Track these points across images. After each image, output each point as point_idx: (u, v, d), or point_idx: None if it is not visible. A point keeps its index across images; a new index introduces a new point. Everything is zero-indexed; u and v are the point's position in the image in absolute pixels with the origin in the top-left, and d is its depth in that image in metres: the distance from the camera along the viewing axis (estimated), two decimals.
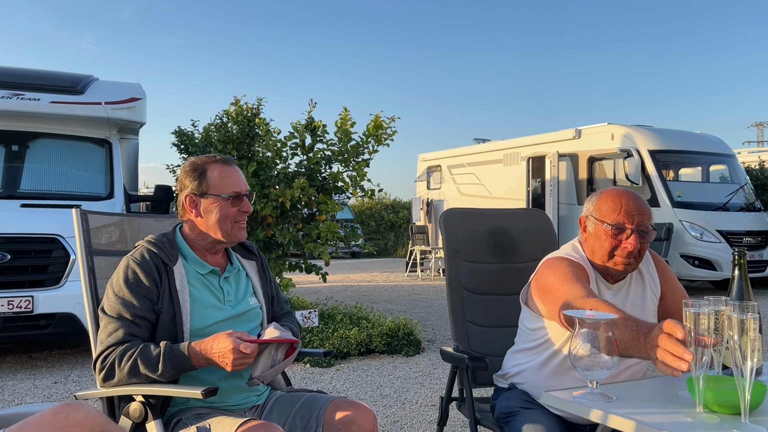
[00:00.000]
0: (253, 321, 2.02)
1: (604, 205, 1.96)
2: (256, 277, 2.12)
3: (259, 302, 2.07)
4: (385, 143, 6.65)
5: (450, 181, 14.65)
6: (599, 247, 1.96)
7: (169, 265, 1.89)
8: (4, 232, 5.02)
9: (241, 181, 2.00)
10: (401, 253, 21.40)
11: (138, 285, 1.83)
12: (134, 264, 1.86)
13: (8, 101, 5.67)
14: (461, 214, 2.80)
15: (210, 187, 1.95)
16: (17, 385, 4.66)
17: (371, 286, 12.00)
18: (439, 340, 6.46)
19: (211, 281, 1.97)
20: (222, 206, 1.95)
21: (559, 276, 1.89)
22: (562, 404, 1.43)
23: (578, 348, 1.42)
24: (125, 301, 1.82)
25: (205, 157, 2.01)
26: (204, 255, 2.00)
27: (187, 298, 1.88)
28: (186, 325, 1.86)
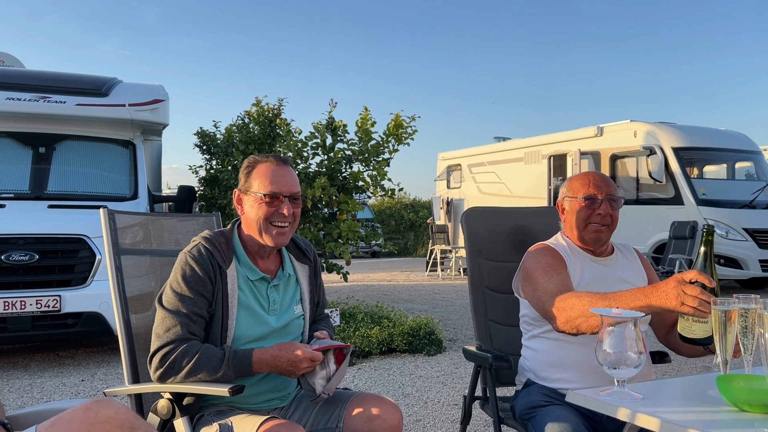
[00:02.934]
0: (293, 332, 2.00)
1: (574, 184, 2.21)
2: (306, 282, 2.08)
3: (303, 311, 2.04)
4: (406, 142, 6.66)
5: (470, 180, 14.60)
6: (577, 220, 2.17)
7: (223, 268, 1.87)
8: (33, 232, 5.12)
9: (285, 182, 1.92)
10: (421, 252, 21.38)
11: (195, 282, 1.82)
12: (191, 260, 1.85)
13: (35, 104, 5.78)
14: (483, 212, 2.79)
15: (252, 184, 1.92)
16: (46, 382, 4.75)
17: (392, 285, 12.00)
18: (460, 339, 6.44)
19: (260, 288, 1.95)
20: (258, 205, 1.90)
21: (538, 266, 2.10)
22: (588, 403, 1.43)
23: (604, 346, 1.41)
24: (183, 297, 1.81)
25: (263, 155, 1.97)
26: (255, 259, 1.96)
27: (235, 303, 1.87)
28: (230, 330, 1.85)
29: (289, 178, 1.94)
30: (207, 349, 1.77)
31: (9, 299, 4.89)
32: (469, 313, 2.70)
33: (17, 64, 7.52)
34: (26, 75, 6.32)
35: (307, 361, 1.75)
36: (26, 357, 5.62)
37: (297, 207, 1.95)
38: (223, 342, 1.84)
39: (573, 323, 1.84)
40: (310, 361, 1.76)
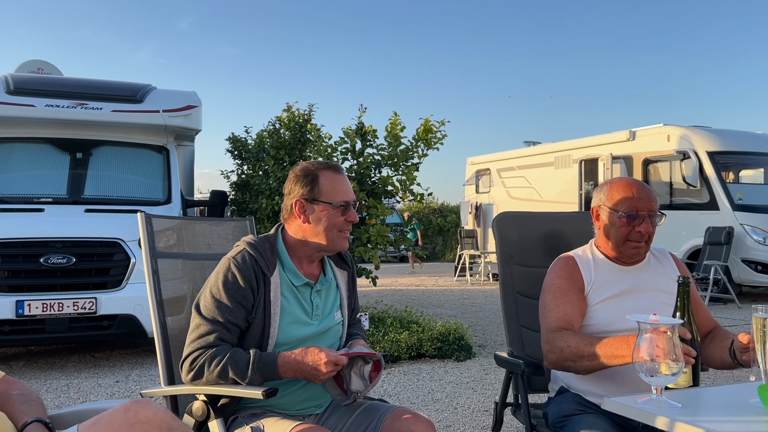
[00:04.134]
0: (333, 338, 2.01)
1: (615, 194, 2.08)
2: (345, 288, 2.10)
3: (342, 316, 2.06)
4: (435, 147, 6.65)
5: (499, 185, 14.51)
6: (614, 234, 2.07)
7: (267, 275, 1.88)
8: (70, 236, 5.24)
9: (350, 190, 1.97)
10: (449, 257, 21.30)
11: (236, 290, 1.83)
12: (235, 267, 1.85)
13: (73, 110, 5.93)
14: (514, 217, 2.77)
15: (321, 193, 1.92)
16: (82, 383, 4.85)
17: (420, 290, 11.98)
18: (490, 345, 6.40)
19: (303, 294, 1.95)
20: (331, 214, 1.91)
21: (551, 286, 2.09)
22: (625, 410, 1.40)
23: (641, 353, 1.39)
24: (221, 305, 1.82)
25: (317, 162, 1.98)
26: (301, 264, 1.97)
27: (278, 311, 1.88)
28: (272, 338, 1.86)
29: (350, 185, 2.00)
30: (235, 353, 1.78)
31: (47, 301, 5.01)
32: (499, 319, 2.69)
33: (56, 72, 7.72)
34: (64, 82, 6.49)
35: (330, 364, 1.73)
36: (63, 358, 5.75)
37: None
38: (263, 348, 1.85)
39: (563, 365, 1.91)
40: (333, 366, 1.74)
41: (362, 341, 2.06)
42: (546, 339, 1.97)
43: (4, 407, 1.59)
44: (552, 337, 1.94)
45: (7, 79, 6.06)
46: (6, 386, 1.70)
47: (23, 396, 1.67)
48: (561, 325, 1.96)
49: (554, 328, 1.97)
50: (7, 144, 6.12)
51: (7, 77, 6.10)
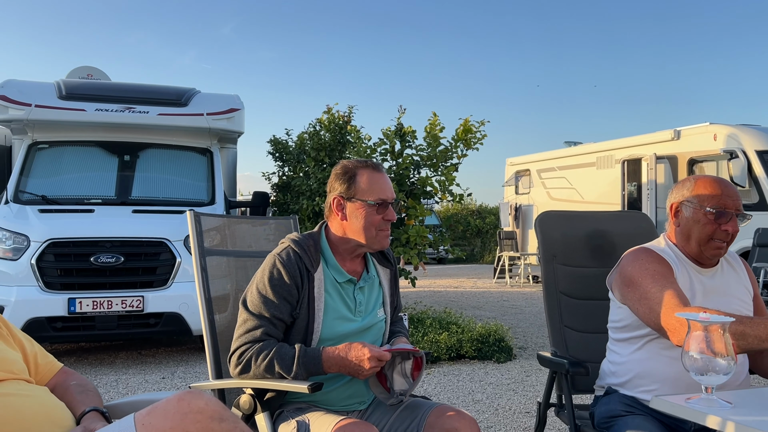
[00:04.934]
0: (376, 335, 2.03)
1: (702, 190, 1.99)
2: (387, 285, 2.11)
3: (385, 314, 2.08)
4: (475, 147, 6.63)
5: (539, 186, 14.34)
6: (698, 232, 1.98)
7: (311, 272, 1.91)
8: (119, 236, 5.40)
9: (388, 188, 1.97)
10: (488, 259, 21.13)
11: (281, 286, 1.87)
12: (280, 264, 1.89)
13: (121, 114, 6.11)
14: (558, 217, 2.75)
15: (358, 191, 1.94)
16: (130, 379, 4.99)
17: (459, 291, 11.93)
18: (531, 347, 6.34)
19: (347, 290, 1.98)
20: (368, 212, 1.93)
21: (645, 273, 1.93)
22: (674, 409, 1.39)
23: (692, 352, 1.37)
24: (267, 300, 1.86)
25: (356, 161, 2.01)
26: (344, 261, 2.00)
27: (322, 306, 1.91)
28: (316, 333, 1.89)
29: (389, 184, 2.00)
30: (281, 348, 1.82)
31: (97, 299, 5.18)
32: (540, 321, 2.68)
33: (104, 78, 7.96)
34: (113, 87, 6.69)
35: (374, 360, 1.75)
36: (112, 354, 5.93)
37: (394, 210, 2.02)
38: (307, 344, 1.88)
39: None
40: (377, 361, 1.76)
41: (404, 339, 2.07)
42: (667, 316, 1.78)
43: (64, 397, 1.66)
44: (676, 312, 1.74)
45: (60, 84, 6.28)
46: (65, 377, 1.78)
47: (81, 386, 1.74)
48: (678, 302, 1.79)
49: (675, 304, 1.79)
50: (60, 147, 6.35)
51: (59, 83, 6.32)
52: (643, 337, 2.00)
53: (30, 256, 5.16)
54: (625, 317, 2.05)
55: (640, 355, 2.02)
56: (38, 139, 6.24)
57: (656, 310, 1.84)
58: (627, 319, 2.05)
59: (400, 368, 1.85)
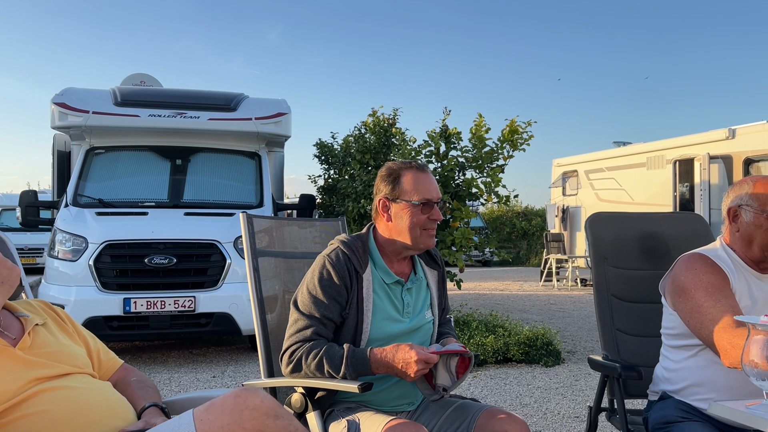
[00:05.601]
0: (423, 336, 2.04)
1: (764, 191, 1.91)
2: (435, 287, 2.12)
3: (433, 315, 2.08)
4: (521, 148, 6.56)
5: (587, 187, 14.07)
6: (761, 238, 1.91)
7: (360, 272, 1.94)
8: (172, 238, 5.56)
9: (433, 188, 1.98)
10: (534, 261, 20.86)
11: (331, 286, 1.89)
12: (329, 264, 1.92)
13: (173, 119, 6.28)
14: (609, 218, 2.70)
15: (402, 192, 1.95)
16: (182, 377, 5.13)
17: (504, 295, 11.81)
18: (579, 351, 6.23)
19: (394, 291, 1.99)
20: (412, 212, 1.94)
21: (698, 284, 1.87)
22: (733, 415, 1.35)
23: (752, 356, 1.33)
24: (317, 300, 1.89)
25: (401, 162, 2.02)
26: (391, 262, 2.01)
27: (371, 307, 1.93)
28: (365, 333, 1.92)
29: (434, 184, 2.00)
30: (330, 348, 1.84)
31: (151, 299, 5.34)
32: (589, 325, 2.64)
33: (156, 84, 8.20)
34: (165, 93, 6.88)
35: (421, 363, 1.75)
36: (164, 353, 6.10)
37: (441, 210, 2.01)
38: (356, 344, 1.90)
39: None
40: (424, 364, 1.76)
41: (453, 340, 2.07)
42: (719, 336, 1.73)
43: (125, 392, 1.73)
44: (729, 333, 1.69)
45: (115, 91, 6.50)
46: (125, 373, 1.85)
47: (141, 382, 1.80)
48: (731, 321, 1.74)
49: (725, 323, 1.73)
50: (115, 152, 6.57)
51: (114, 90, 6.54)
52: (698, 345, 1.94)
53: (88, 257, 5.36)
54: (678, 325, 2.00)
55: (694, 363, 1.97)
56: (95, 144, 6.47)
57: (708, 327, 1.78)
58: (680, 327, 1.99)
59: (445, 363, 1.85)
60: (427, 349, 1.81)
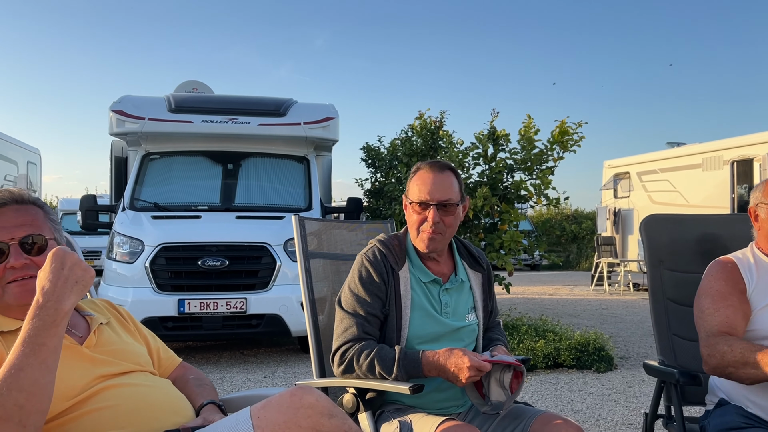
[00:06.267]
0: (466, 338, 2.02)
1: None
2: (479, 290, 2.09)
3: (476, 318, 2.06)
4: (572, 150, 6.45)
5: (640, 189, 13.73)
6: None
7: (396, 269, 1.95)
8: (224, 240, 5.69)
9: (434, 189, 1.92)
10: (585, 265, 20.44)
11: (371, 283, 1.93)
12: (367, 262, 1.95)
13: (225, 125, 6.43)
14: (665, 220, 2.64)
15: (409, 191, 1.99)
16: (234, 377, 5.24)
17: (554, 299, 11.62)
18: (633, 357, 6.08)
19: (432, 291, 1.99)
20: (411, 212, 1.97)
21: (708, 290, 1.98)
22: None
23: None
24: (360, 298, 1.92)
25: (421, 162, 2.04)
26: (427, 262, 2.01)
27: (409, 303, 1.94)
28: (404, 330, 1.92)
29: (442, 186, 1.93)
30: (381, 350, 1.85)
31: (204, 300, 5.47)
32: (642, 330, 2.59)
33: (208, 91, 8.40)
34: (216, 100, 7.05)
35: (473, 369, 1.73)
36: (216, 354, 6.24)
37: (447, 215, 1.93)
38: (398, 341, 1.91)
39: (724, 371, 1.81)
40: (476, 370, 1.74)
41: (503, 348, 2.04)
42: (706, 343, 1.88)
43: (183, 389, 1.78)
44: (713, 341, 1.85)
45: (169, 99, 6.69)
46: (183, 371, 1.90)
47: (198, 380, 1.85)
48: (723, 329, 1.87)
49: (715, 332, 1.87)
50: (169, 158, 6.77)
51: (169, 97, 6.74)
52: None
53: (144, 259, 5.53)
54: None
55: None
56: (150, 150, 6.67)
57: (701, 334, 1.92)
58: None
59: (498, 378, 1.82)
60: (480, 357, 1.79)
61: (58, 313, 1.32)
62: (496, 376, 1.82)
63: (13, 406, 1.24)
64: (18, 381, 1.25)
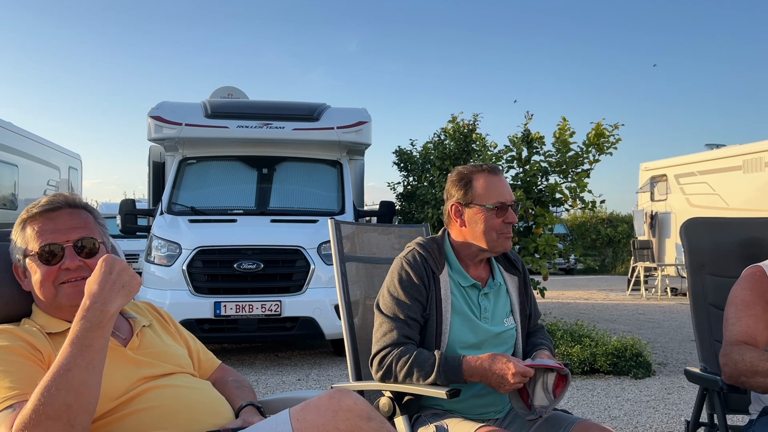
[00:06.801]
0: (506, 343, 2.00)
1: None
2: (516, 293, 2.08)
3: (515, 322, 2.04)
4: (608, 152, 6.36)
5: (678, 192, 13.44)
6: None
7: (437, 273, 1.94)
8: (259, 244, 5.75)
9: (506, 191, 1.96)
10: (620, 270, 20.09)
11: (411, 286, 1.90)
12: (407, 265, 1.93)
13: (260, 130, 6.51)
14: (706, 223, 2.58)
15: (475, 196, 1.94)
16: (269, 379, 5.29)
17: (589, 304, 11.45)
18: (671, 363, 5.95)
19: (471, 295, 1.98)
20: (487, 216, 1.93)
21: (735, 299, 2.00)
22: None
23: None
24: (399, 301, 1.90)
25: (472, 166, 2.01)
26: (467, 266, 2.00)
27: (449, 308, 1.93)
28: (445, 335, 1.91)
29: (507, 186, 1.99)
30: (420, 354, 1.84)
31: (240, 303, 5.54)
32: (681, 336, 2.54)
33: (242, 96, 8.52)
34: (251, 105, 7.15)
35: (518, 375, 1.72)
36: (251, 356, 6.31)
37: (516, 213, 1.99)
38: (438, 346, 1.90)
39: (738, 380, 1.85)
40: (520, 377, 1.72)
41: (547, 352, 2.01)
42: (723, 352, 1.92)
43: (223, 391, 1.80)
44: (729, 350, 1.89)
45: (206, 104, 6.81)
46: (223, 373, 1.93)
47: (237, 382, 1.88)
48: (741, 339, 1.89)
49: (733, 341, 1.90)
50: (206, 162, 6.88)
51: (205, 103, 6.85)
52: None
53: (182, 262, 5.63)
54: None
55: None
56: (187, 155, 6.79)
57: (723, 342, 1.94)
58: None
59: (542, 382, 1.80)
60: (523, 363, 1.77)
61: (104, 315, 1.36)
62: (539, 381, 1.80)
63: (62, 405, 1.27)
64: (66, 381, 1.29)
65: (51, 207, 1.61)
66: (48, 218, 1.59)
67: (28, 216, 1.60)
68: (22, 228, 1.60)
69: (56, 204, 1.61)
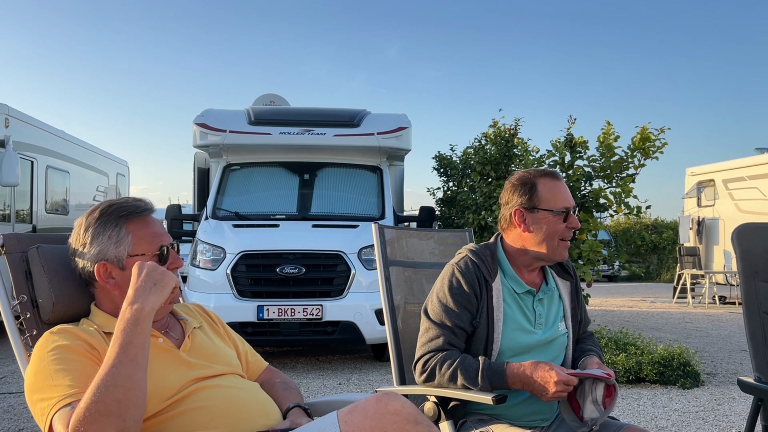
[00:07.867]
0: (557, 349, 1.99)
1: None
2: (568, 299, 2.06)
3: (567, 328, 2.03)
4: (654, 156, 6.22)
5: (726, 197, 13.05)
6: None
7: (489, 281, 1.92)
8: (300, 248, 5.82)
9: (569, 196, 1.95)
10: (666, 277, 19.59)
11: (461, 294, 1.89)
12: (458, 273, 1.92)
13: (302, 137, 6.60)
14: (760, 229, 2.50)
15: (541, 201, 1.92)
16: (310, 383, 5.33)
17: (634, 311, 11.19)
18: (721, 373, 5.77)
19: (525, 301, 1.96)
20: (552, 221, 1.91)
21: None
22: None
23: None
24: (448, 309, 1.89)
25: (533, 170, 1.99)
26: (521, 272, 1.98)
27: (501, 316, 1.91)
28: (496, 343, 1.89)
29: (569, 192, 1.97)
30: (464, 360, 1.83)
31: (282, 307, 5.61)
32: (730, 345, 2.47)
33: (284, 103, 8.64)
34: (293, 112, 7.24)
35: (560, 384, 1.69)
36: (293, 359, 6.37)
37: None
38: (488, 354, 1.88)
39: None
40: (563, 386, 1.70)
41: (597, 359, 1.97)
42: None
43: (270, 392, 1.83)
44: None
45: (249, 111, 6.93)
46: (270, 375, 1.96)
47: (284, 384, 1.91)
48: None
49: None
50: (249, 168, 7.00)
51: (248, 110, 6.98)
52: None
53: (226, 266, 5.73)
54: None
55: None
56: (231, 161, 6.93)
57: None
58: None
59: (591, 393, 1.77)
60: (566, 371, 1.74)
61: (140, 313, 1.43)
62: (588, 392, 1.77)
63: (112, 401, 1.33)
64: (114, 377, 1.35)
65: (145, 210, 1.69)
66: (147, 221, 1.68)
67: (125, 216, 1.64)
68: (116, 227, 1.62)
69: (146, 207, 1.70)
